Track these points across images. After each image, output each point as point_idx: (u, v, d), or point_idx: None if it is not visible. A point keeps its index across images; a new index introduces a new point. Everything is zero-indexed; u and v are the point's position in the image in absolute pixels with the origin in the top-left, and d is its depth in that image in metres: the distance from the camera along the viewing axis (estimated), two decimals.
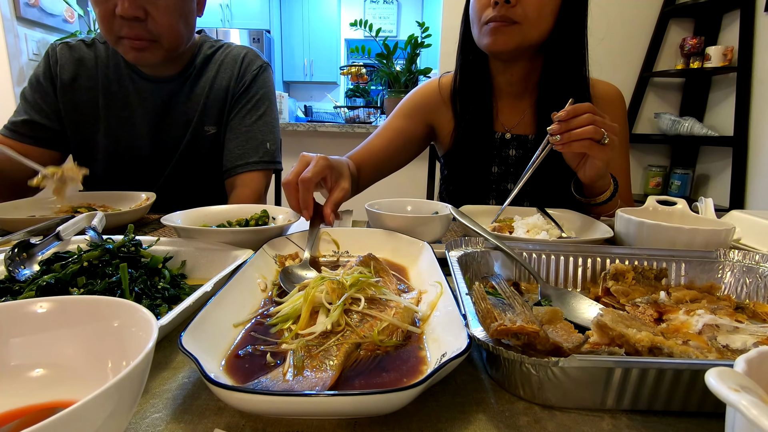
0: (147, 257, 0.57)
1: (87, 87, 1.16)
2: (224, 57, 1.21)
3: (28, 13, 2.95)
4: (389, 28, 6.01)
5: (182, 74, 1.18)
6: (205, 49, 1.21)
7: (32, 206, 0.94)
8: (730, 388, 0.22)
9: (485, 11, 1.00)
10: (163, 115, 1.18)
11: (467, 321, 0.39)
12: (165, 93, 1.17)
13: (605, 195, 0.95)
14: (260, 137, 1.20)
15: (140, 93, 1.16)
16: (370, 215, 0.79)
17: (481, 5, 1.01)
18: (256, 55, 1.25)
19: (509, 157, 1.17)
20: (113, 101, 1.16)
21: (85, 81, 1.16)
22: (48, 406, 0.32)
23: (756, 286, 0.57)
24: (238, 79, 1.20)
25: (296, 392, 0.32)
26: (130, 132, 1.18)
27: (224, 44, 1.25)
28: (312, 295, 0.46)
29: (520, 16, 0.97)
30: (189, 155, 1.21)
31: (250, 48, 1.26)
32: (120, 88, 1.16)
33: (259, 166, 1.19)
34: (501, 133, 1.16)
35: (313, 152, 0.80)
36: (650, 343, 0.39)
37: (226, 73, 1.20)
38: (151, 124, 1.18)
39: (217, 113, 1.20)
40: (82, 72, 1.16)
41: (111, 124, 1.17)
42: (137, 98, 1.16)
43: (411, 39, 2.41)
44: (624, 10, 2.67)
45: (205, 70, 1.20)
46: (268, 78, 1.25)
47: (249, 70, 1.21)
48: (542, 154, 0.90)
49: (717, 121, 2.66)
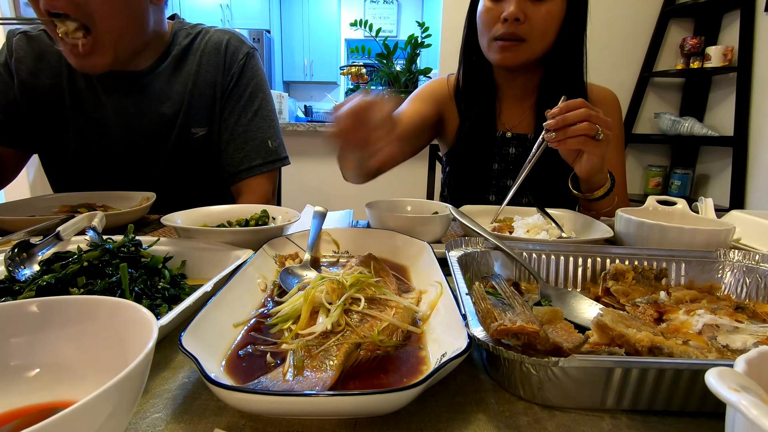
0: (147, 257, 0.57)
1: (49, 85, 1.03)
2: (204, 46, 1.10)
3: (28, 13, 2.96)
4: (389, 28, 6.01)
5: (154, 67, 1.06)
6: (180, 38, 1.09)
7: (32, 206, 0.94)
8: (730, 388, 0.22)
9: (494, 26, 1.04)
10: (138, 117, 1.07)
11: (467, 321, 0.39)
12: (138, 89, 1.05)
13: (602, 190, 0.96)
14: (260, 136, 1.12)
15: (110, 91, 1.04)
16: (370, 215, 0.79)
17: (490, 19, 1.04)
18: (239, 40, 1.14)
19: (509, 155, 1.20)
20: (81, 101, 1.04)
21: (47, 78, 1.03)
22: (48, 406, 0.32)
23: (756, 286, 0.57)
24: (225, 71, 1.09)
25: (296, 392, 0.32)
26: (103, 133, 1.07)
27: (201, 30, 1.13)
28: (312, 295, 0.46)
29: (527, 33, 1.02)
30: (177, 158, 1.11)
31: (232, 32, 1.14)
32: (88, 86, 1.04)
33: (263, 169, 1.12)
34: (502, 132, 1.20)
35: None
36: (650, 343, 0.39)
37: (210, 65, 1.09)
38: (125, 126, 1.07)
39: (207, 112, 1.10)
40: (44, 68, 1.03)
41: (81, 127, 1.06)
42: (108, 97, 1.05)
43: (411, 39, 2.41)
44: (624, 10, 2.67)
45: (184, 63, 1.08)
46: (256, 65, 1.14)
47: (235, 59, 1.11)
48: (539, 151, 0.91)
49: (717, 121, 2.66)
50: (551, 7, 1.01)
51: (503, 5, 1.02)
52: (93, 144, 1.08)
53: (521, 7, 0.99)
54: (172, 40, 1.09)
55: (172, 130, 1.09)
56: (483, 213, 0.95)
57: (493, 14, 1.03)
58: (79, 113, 1.06)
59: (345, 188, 2.95)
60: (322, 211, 0.78)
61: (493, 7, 1.03)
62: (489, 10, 1.04)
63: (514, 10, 0.99)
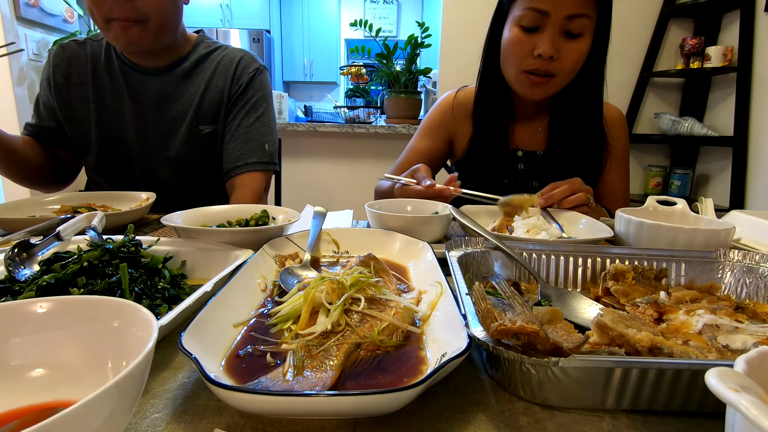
0: (147, 257, 0.57)
1: (77, 83, 1.18)
2: (221, 59, 1.23)
3: (28, 13, 2.95)
4: (389, 28, 6.02)
5: (174, 67, 1.18)
6: (201, 48, 1.23)
7: (32, 206, 0.94)
8: (730, 388, 0.22)
9: (525, 59, 1.02)
10: (152, 110, 1.18)
11: (467, 321, 0.39)
12: (156, 86, 1.17)
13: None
14: (259, 138, 1.22)
15: (130, 85, 1.17)
16: (370, 215, 0.79)
17: (522, 51, 1.02)
18: (252, 58, 1.27)
19: (517, 170, 1.22)
20: (103, 93, 1.17)
21: (75, 78, 1.18)
22: (48, 406, 0.32)
23: (756, 286, 0.57)
24: (234, 81, 1.21)
25: (296, 392, 0.32)
26: (119, 123, 1.19)
27: (221, 46, 1.26)
28: (312, 295, 0.46)
29: (558, 70, 1.02)
30: (185, 154, 1.21)
31: (247, 51, 1.28)
32: (110, 80, 1.17)
33: (258, 167, 1.21)
34: (513, 149, 1.21)
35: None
36: (650, 343, 0.39)
37: (222, 74, 1.21)
38: (139, 118, 1.18)
39: (214, 113, 1.21)
40: (74, 69, 1.18)
41: (101, 116, 1.18)
42: (127, 90, 1.17)
43: (411, 39, 2.41)
44: (624, 10, 2.67)
45: (200, 68, 1.21)
46: (264, 80, 1.27)
47: (245, 72, 1.23)
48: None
49: (717, 121, 2.66)
50: (582, 45, 1.00)
51: (536, 39, 1.00)
52: (110, 133, 1.20)
53: (556, 45, 0.98)
54: (194, 48, 1.22)
55: (182, 125, 1.20)
56: (483, 213, 0.95)
57: (525, 47, 1.01)
58: (100, 103, 1.18)
59: (345, 188, 2.96)
60: (322, 211, 0.78)
61: (525, 39, 1.01)
62: (521, 42, 1.02)
63: (549, 48, 0.98)
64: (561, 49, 0.99)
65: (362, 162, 2.86)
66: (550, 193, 0.92)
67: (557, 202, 0.92)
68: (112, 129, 1.19)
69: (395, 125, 2.62)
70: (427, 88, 3.07)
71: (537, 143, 1.20)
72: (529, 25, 1.00)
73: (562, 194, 0.92)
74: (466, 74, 1.25)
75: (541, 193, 0.93)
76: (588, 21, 0.99)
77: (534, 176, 1.20)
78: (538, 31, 1.00)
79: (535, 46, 1.00)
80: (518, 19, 1.01)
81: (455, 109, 1.25)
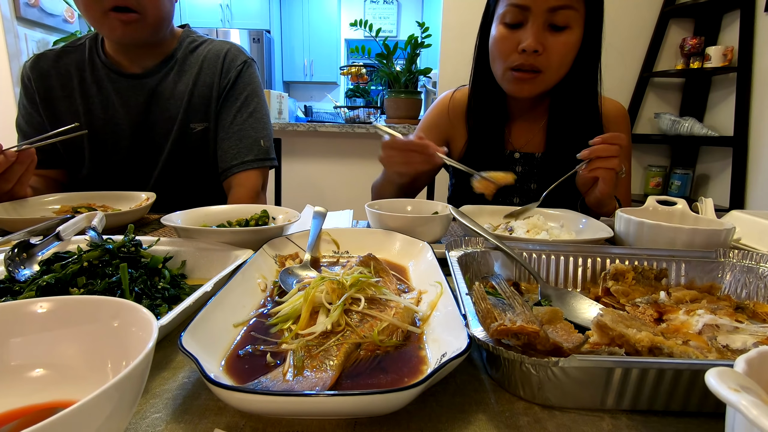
0: (147, 257, 0.57)
1: (62, 96, 1.15)
2: (207, 53, 1.21)
3: (28, 13, 2.96)
4: (389, 28, 6.01)
5: (162, 66, 1.17)
6: (186, 43, 1.21)
7: (32, 206, 0.94)
8: (730, 388, 0.22)
9: (510, 55, 1.01)
10: (145, 113, 1.17)
11: (467, 321, 0.39)
12: (146, 90, 1.16)
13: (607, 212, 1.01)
14: (253, 135, 1.20)
15: (120, 93, 1.15)
16: (370, 215, 0.79)
17: (506, 48, 1.01)
18: (238, 50, 1.24)
19: (515, 173, 1.20)
20: (93, 104, 1.15)
21: (59, 91, 1.15)
22: (48, 406, 0.32)
23: (756, 286, 0.57)
24: (222, 75, 1.19)
25: (296, 392, 0.32)
26: (113, 133, 1.17)
27: (207, 40, 1.24)
28: (312, 295, 0.46)
29: (544, 65, 1.00)
30: (177, 153, 1.20)
31: (233, 44, 1.26)
32: (98, 89, 1.15)
33: (254, 165, 1.20)
34: (510, 152, 1.20)
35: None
36: (650, 343, 0.39)
37: (210, 69, 1.19)
38: (133, 124, 1.17)
39: (204, 110, 1.19)
40: (55, 82, 1.15)
41: (93, 128, 1.15)
42: (118, 98, 1.15)
43: (411, 39, 2.41)
44: (624, 10, 2.67)
45: (187, 65, 1.19)
46: (253, 74, 1.25)
47: (233, 66, 1.21)
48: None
49: (717, 121, 2.66)
50: (569, 37, 0.98)
51: (520, 34, 0.98)
52: (106, 143, 1.17)
53: (540, 39, 0.96)
54: (179, 44, 1.20)
55: (174, 125, 1.18)
56: (483, 213, 0.95)
57: (509, 43, 1.00)
58: (92, 115, 1.15)
59: (345, 188, 2.96)
60: (322, 211, 0.78)
61: (509, 36, 0.99)
62: (505, 38, 1.00)
63: (533, 42, 0.95)
64: (547, 43, 0.97)
65: (362, 162, 2.86)
66: (596, 147, 0.89)
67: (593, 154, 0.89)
68: (106, 139, 1.17)
69: (395, 125, 2.62)
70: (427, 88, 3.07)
71: (535, 145, 1.18)
72: (512, 21, 0.99)
73: (608, 153, 0.88)
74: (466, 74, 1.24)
75: (593, 143, 0.90)
76: (573, 12, 0.96)
77: (532, 178, 1.18)
78: (521, 27, 0.98)
79: (520, 41, 0.98)
80: (502, 16, 1.00)
81: (451, 110, 1.24)
